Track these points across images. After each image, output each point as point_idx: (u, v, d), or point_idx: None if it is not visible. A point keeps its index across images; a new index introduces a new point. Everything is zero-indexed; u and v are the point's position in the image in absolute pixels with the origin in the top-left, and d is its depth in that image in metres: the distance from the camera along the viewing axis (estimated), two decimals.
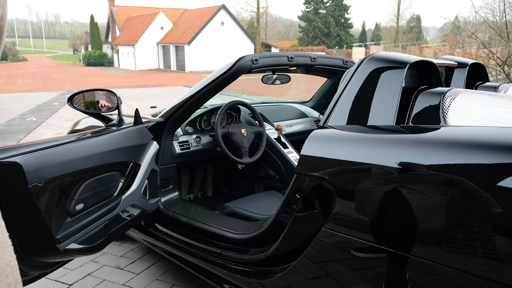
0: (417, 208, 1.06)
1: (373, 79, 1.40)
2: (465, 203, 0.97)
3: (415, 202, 1.06)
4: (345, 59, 2.56)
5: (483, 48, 9.39)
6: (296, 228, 1.43)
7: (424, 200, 1.04)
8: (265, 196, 2.44)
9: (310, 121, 3.11)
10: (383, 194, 1.12)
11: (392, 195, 1.10)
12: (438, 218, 1.01)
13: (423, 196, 1.05)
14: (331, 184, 1.25)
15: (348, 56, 29.03)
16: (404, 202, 1.08)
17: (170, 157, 2.28)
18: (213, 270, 1.80)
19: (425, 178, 1.05)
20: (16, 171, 1.38)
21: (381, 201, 1.13)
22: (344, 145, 1.26)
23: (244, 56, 2.00)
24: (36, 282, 2.13)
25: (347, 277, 1.25)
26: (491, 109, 1.25)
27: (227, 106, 2.43)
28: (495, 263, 0.93)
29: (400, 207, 1.09)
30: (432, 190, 1.03)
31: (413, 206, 1.07)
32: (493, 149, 0.96)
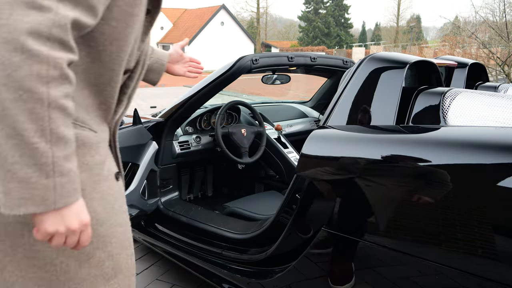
0: (417, 208, 1.06)
1: (373, 79, 1.41)
2: (465, 203, 0.97)
3: (415, 202, 1.06)
4: (345, 59, 2.56)
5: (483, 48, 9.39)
6: (296, 228, 1.43)
7: (424, 200, 1.04)
8: (265, 196, 2.44)
9: (310, 121, 3.11)
10: (383, 194, 1.12)
11: (392, 195, 1.10)
12: (438, 218, 1.01)
13: (423, 196, 1.05)
14: (331, 184, 1.25)
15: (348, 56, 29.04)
16: (404, 202, 1.08)
17: (170, 157, 2.29)
18: (213, 270, 1.80)
19: (425, 178, 1.05)
20: None
21: (381, 201, 1.13)
22: (344, 145, 1.26)
23: (244, 56, 2.00)
24: None
25: (347, 277, 1.25)
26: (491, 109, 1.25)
27: (227, 106, 2.43)
28: (495, 263, 0.93)
29: (400, 207, 1.09)
30: (432, 190, 1.03)
31: (413, 206, 1.07)
32: (493, 149, 0.96)
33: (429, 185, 1.04)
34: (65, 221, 0.72)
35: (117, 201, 0.92)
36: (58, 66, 0.67)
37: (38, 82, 0.65)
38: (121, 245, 0.92)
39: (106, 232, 0.89)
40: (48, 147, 0.67)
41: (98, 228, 0.86)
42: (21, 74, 0.64)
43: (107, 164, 0.91)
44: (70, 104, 0.71)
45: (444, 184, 1.01)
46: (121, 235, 0.92)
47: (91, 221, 0.82)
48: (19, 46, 0.63)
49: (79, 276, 0.85)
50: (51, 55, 0.66)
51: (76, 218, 0.73)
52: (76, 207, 0.74)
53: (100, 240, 0.87)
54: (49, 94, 0.66)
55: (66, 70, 0.69)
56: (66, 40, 0.68)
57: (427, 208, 1.04)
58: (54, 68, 0.66)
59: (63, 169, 0.70)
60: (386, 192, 1.12)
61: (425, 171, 1.05)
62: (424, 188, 1.05)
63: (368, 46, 35.89)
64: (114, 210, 0.90)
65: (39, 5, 0.65)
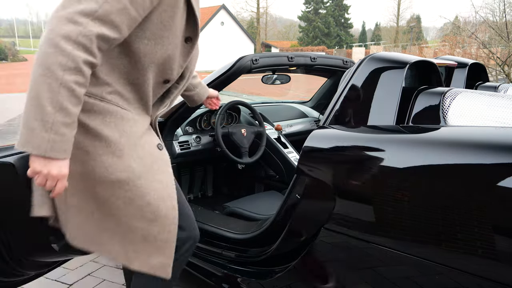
0: (417, 208, 1.06)
1: (373, 79, 1.41)
2: (465, 203, 0.97)
3: (415, 202, 1.06)
4: (345, 59, 2.56)
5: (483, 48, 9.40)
6: (296, 228, 1.43)
7: (424, 200, 1.04)
8: (265, 196, 2.44)
9: (310, 121, 3.11)
10: (383, 194, 1.12)
11: (392, 195, 1.10)
12: (438, 218, 1.01)
13: (423, 196, 1.05)
14: (331, 184, 1.25)
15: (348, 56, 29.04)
16: (404, 202, 1.08)
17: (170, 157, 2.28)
18: (213, 270, 1.80)
19: (425, 178, 1.05)
20: (10, 171, 1.38)
21: (381, 201, 1.13)
22: (344, 145, 1.26)
23: (244, 56, 2.00)
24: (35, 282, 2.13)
25: (347, 277, 1.25)
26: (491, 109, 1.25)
27: (227, 106, 2.43)
28: (495, 263, 0.93)
29: (400, 207, 1.09)
30: (432, 190, 1.03)
31: (413, 206, 1.07)
32: (493, 149, 0.96)
33: (429, 185, 1.04)
34: (48, 167, 1.00)
35: (156, 163, 1.22)
36: (75, 61, 0.96)
37: (59, 68, 0.95)
38: (160, 198, 1.20)
39: (144, 185, 1.18)
40: (52, 111, 0.95)
41: (136, 181, 1.16)
42: (50, 60, 0.95)
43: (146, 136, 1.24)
44: (78, 89, 0.99)
45: (444, 184, 1.01)
46: (160, 190, 1.21)
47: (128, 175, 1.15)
48: (54, 43, 0.95)
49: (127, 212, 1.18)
50: (72, 53, 0.96)
51: (57, 169, 1.01)
52: (61, 162, 1.01)
53: (139, 190, 1.17)
54: (63, 77, 0.96)
55: (82, 65, 0.98)
56: (89, 46, 0.98)
57: (427, 208, 1.04)
58: (72, 62, 0.96)
59: (58, 130, 0.97)
60: (386, 192, 1.12)
61: (425, 171, 1.05)
62: (424, 188, 1.05)
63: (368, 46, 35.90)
64: (152, 169, 1.20)
65: (75, 21, 0.96)
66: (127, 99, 1.19)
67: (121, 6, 1.01)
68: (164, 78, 1.24)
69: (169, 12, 1.12)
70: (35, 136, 0.95)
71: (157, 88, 1.27)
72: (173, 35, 1.16)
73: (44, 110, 0.95)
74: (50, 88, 0.94)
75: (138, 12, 1.06)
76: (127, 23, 1.04)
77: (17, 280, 1.68)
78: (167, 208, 1.22)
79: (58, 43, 0.94)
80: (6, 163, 1.38)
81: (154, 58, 1.16)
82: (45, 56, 0.95)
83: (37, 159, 0.99)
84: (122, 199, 1.16)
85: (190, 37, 1.23)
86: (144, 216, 1.19)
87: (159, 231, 1.21)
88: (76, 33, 0.96)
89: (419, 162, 1.07)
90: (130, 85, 1.19)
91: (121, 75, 1.16)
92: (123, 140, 1.15)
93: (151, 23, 1.11)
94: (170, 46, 1.17)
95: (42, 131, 0.95)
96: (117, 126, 1.16)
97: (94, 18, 0.98)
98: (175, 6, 1.13)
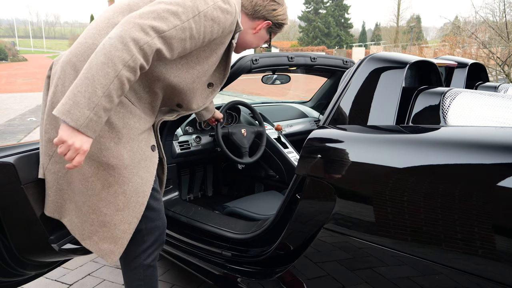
0: (417, 208, 1.06)
1: (373, 79, 1.41)
2: (465, 203, 0.97)
3: (415, 202, 1.06)
4: (345, 59, 2.56)
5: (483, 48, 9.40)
6: (296, 228, 1.43)
7: (424, 200, 1.04)
8: (265, 196, 2.43)
9: (310, 121, 3.11)
10: (383, 194, 1.12)
11: (392, 195, 1.10)
12: (438, 218, 1.01)
13: (423, 196, 1.05)
14: (331, 184, 1.25)
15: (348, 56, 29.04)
16: (404, 202, 1.08)
17: (170, 157, 2.29)
18: (213, 270, 1.80)
19: (425, 178, 1.05)
20: (9, 171, 1.38)
21: (381, 201, 1.13)
22: (344, 145, 1.26)
23: (244, 56, 2.00)
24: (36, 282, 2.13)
25: (347, 277, 1.25)
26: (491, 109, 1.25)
27: (227, 106, 2.43)
28: (495, 263, 0.93)
29: (400, 207, 1.09)
30: (432, 190, 1.03)
31: (413, 206, 1.07)
32: (493, 149, 0.96)
33: (429, 185, 1.04)
34: (74, 139, 1.10)
35: (144, 161, 1.34)
36: (135, 61, 1.13)
37: (120, 62, 1.10)
38: (135, 191, 1.31)
39: (127, 175, 1.29)
40: (101, 95, 1.09)
41: (122, 170, 1.28)
42: (116, 54, 1.10)
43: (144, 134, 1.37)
44: (127, 84, 1.14)
45: (444, 184, 1.01)
46: (138, 185, 1.32)
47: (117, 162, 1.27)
48: (125, 42, 1.11)
49: (101, 195, 1.30)
50: (136, 55, 1.12)
51: (81, 142, 1.11)
52: (86, 138, 1.12)
53: (121, 178, 1.28)
54: (121, 71, 1.10)
55: (138, 67, 1.14)
56: (148, 55, 1.16)
57: (427, 208, 1.04)
58: (133, 61, 1.12)
59: (98, 112, 1.10)
60: (386, 192, 1.12)
61: (425, 171, 1.05)
62: (424, 188, 1.05)
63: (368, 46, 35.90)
64: (139, 165, 1.32)
65: (147, 32, 1.14)
66: (140, 98, 1.35)
67: (183, 36, 1.21)
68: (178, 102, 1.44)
69: (208, 52, 1.35)
70: (78, 110, 1.08)
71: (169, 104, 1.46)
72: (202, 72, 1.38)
73: (94, 92, 1.08)
74: (107, 76, 1.09)
75: (191, 46, 1.26)
76: (180, 50, 1.25)
77: (17, 280, 1.68)
78: (137, 202, 1.33)
79: (128, 42, 1.10)
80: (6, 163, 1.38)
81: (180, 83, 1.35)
82: (112, 49, 1.09)
83: (68, 130, 1.10)
84: (102, 182, 1.28)
85: (212, 83, 1.46)
86: (114, 202, 1.30)
87: (122, 221, 1.32)
88: (144, 41, 1.13)
89: (419, 162, 1.07)
90: (148, 88, 1.35)
91: (145, 79, 1.32)
92: (124, 131, 1.28)
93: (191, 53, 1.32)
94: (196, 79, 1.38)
95: (85, 108, 1.08)
96: (124, 117, 1.29)
97: (160, 36, 1.16)
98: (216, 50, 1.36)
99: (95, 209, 1.32)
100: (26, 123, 7.66)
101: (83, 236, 1.37)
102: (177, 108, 1.50)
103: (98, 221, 1.33)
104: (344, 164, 1.24)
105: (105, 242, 1.35)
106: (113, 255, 1.35)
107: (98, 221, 1.33)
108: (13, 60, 34.35)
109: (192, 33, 1.23)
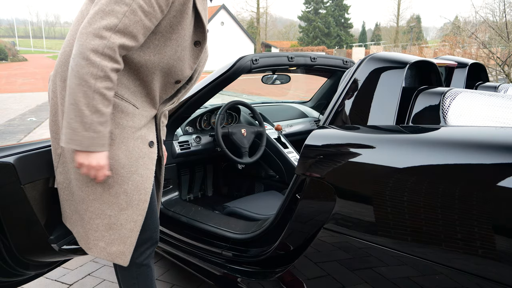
0: (417, 208, 1.06)
1: (373, 79, 1.41)
2: (465, 203, 0.97)
3: (415, 202, 1.06)
4: (345, 59, 2.56)
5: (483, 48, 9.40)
6: (296, 228, 1.43)
7: (424, 200, 1.04)
8: (265, 196, 2.43)
9: (310, 121, 3.11)
10: (383, 194, 1.12)
11: (392, 195, 1.10)
12: (438, 218, 1.01)
13: (422, 196, 1.05)
14: (331, 184, 1.25)
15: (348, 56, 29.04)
16: (404, 202, 1.08)
17: (170, 157, 2.29)
18: (213, 270, 1.80)
19: (425, 178, 1.05)
20: (9, 171, 1.38)
21: (381, 201, 1.13)
22: (344, 145, 1.26)
23: (244, 56, 2.00)
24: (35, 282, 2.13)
25: (347, 277, 1.25)
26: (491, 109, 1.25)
27: (227, 106, 2.43)
28: (495, 263, 0.93)
29: (400, 207, 1.09)
30: (432, 190, 1.03)
31: (413, 206, 1.06)
32: (493, 149, 0.96)
33: (429, 185, 1.04)
34: (89, 160, 1.19)
35: (142, 159, 1.33)
36: (104, 70, 1.14)
37: (91, 77, 1.13)
38: (136, 189, 1.32)
39: (125, 175, 1.30)
40: (89, 114, 1.14)
41: (119, 169, 1.29)
42: (83, 71, 1.13)
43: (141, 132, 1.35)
44: (109, 93, 1.17)
45: (444, 184, 1.01)
46: (138, 183, 1.32)
47: (113, 163, 1.27)
48: (85, 56, 1.12)
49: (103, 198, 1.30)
50: (101, 64, 1.13)
51: (96, 160, 1.19)
52: (100, 155, 1.20)
53: (120, 178, 1.29)
54: (95, 85, 1.13)
55: (109, 73, 1.15)
56: (113, 56, 1.15)
57: (427, 208, 1.04)
58: (101, 71, 1.14)
59: (96, 128, 1.16)
60: (386, 192, 1.12)
61: (425, 171, 1.05)
62: (424, 188, 1.05)
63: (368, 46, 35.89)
64: (137, 163, 1.32)
65: (100, 35, 1.13)
66: (134, 92, 1.33)
67: (137, 18, 1.17)
68: (175, 79, 1.40)
69: (178, 17, 1.28)
70: (77, 135, 1.15)
71: (168, 87, 1.42)
72: (181, 38, 1.31)
73: (83, 113, 1.14)
74: (85, 95, 1.13)
75: (151, 22, 1.22)
76: (143, 32, 1.21)
77: (17, 280, 1.68)
78: (140, 200, 1.34)
79: (88, 56, 1.12)
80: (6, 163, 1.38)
81: (163, 58, 1.31)
82: (79, 68, 1.13)
83: (80, 154, 1.19)
84: (102, 184, 1.29)
85: (199, 41, 1.39)
86: (117, 203, 1.31)
87: (127, 220, 1.33)
88: (102, 47, 1.13)
89: (419, 162, 1.07)
90: (138, 80, 1.32)
91: (130, 71, 1.30)
92: (116, 131, 1.29)
93: (161, 26, 1.27)
94: (178, 48, 1.32)
95: (82, 131, 1.15)
96: (114, 118, 1.28)
97: (116, 31, 1.15)
98: (184, 12, 1.28)
99: (99, 213, 1.32)
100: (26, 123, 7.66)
101: (88, 245, 1.37)
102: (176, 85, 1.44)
103: (103, 225, 1.33)
104: (344, 164, 1.24)
105: (114, 245, 1.34)
106: (123, 256, 1.35)
107: (103, 225, 1.33)
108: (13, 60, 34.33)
109: (144, 9, 1.18)
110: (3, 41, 39.96)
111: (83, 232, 1.37)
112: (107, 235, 1.33)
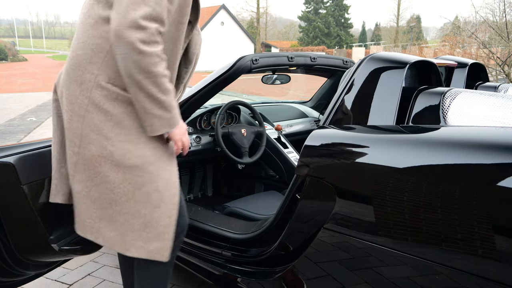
0: (417, 208, 1.06)
1: (373, 79, 1.41)
2: (465, 203, 0.97)
3: (415, 202, 1.06)
4: (345, 59, 2.56)
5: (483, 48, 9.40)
6: (296, 228, 1.43)
7: (424, 200, 1.04)
8: (265, 196, 2.43)
9: (310, 121, 3.11)
10: (383, 194, 1.12)
11: (392, 195, 1.10)
12: (438, 218, 1.01)
13: (423, 196, 1.05)
14: (331, 184, 1.25)
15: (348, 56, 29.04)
16: (404, 202, 1.08)
17: None
18: (213, 270, 1.80)
19: (425, 178, 1.05)
20: (9, 171, 1.38)
21: (381, 201, 1.13)
22: (344, 145, 1.26)
23: (244, 56, 2.00)
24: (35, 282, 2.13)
25: (347, 277, 1.25)
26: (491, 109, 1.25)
27: (227, 106, 2.43)
28: (495, 263, 0.93)
29: (400, 207, 1.09)
30: (432, 190, 1.03)
31: (413, 206, 1.07)
32: (493, 149, 0.96)
33: (429, 185, 1.04)
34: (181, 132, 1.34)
35: (166, 153, 1.36)
36: (158, 55, 1.20)
37: (152, 67, 1.19)
38: (166, 185, 1.33)
39: (154, 172, 1.31)
40: (165, 97, 1.24)
41: (148, 167, 1.30)
42: (143, 65, 1.18)
43: None
44: (167, 72, 1.25)
45: (444, 184, 1.01)
46: (167, 178, 1.34)
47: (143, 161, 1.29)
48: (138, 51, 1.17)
49: (136, 198, 1.30)
50: (153, 51, 1.19)
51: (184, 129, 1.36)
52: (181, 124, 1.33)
53: (149, 176, 1.30)
54: (158, 71, 1.21)
55: (162, 55, 1.22)
56: (156, 40, 1.20)
57: (427, 208, 1.04)
58: (157, 57, 1.20)
59: (172, 105, 1.27)
60: (386, 192, 1.12)
61: (425, 171, 1.05)
62: (424, 188, 1.05)
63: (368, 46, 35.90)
64: (162, 158, 1.34)
65: (141, 26, 1.17)
66: None
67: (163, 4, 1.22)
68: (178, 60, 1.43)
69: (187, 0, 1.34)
70: (165, 119, 1.25)
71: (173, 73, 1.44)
72: (186, 20, 1.37)
73: (160, 100, 1.22)
74: (155, 84, 1.21)
75: (173, 6, 1.28)
76: (167, 17, 1.26)
77: (17, 280, 1.68)
78: (171, 195, 1.34)
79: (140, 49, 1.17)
80: (6, 163, 1.38)
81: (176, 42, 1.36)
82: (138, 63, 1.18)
83: (174, 132, 1.31)
84: (133, 184, 1.29)
85: (191, 21, 1.42)
86: (150, 201, 1.31)
87: (161, 216, 1.32)
88: (147, 36, 1.18)
89: (419, 162, 1.07)
90: None
91: None
92: (141, 129, 1.31)
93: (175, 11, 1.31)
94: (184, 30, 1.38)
95: (167, 113, 1.25)
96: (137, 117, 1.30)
97: (151, 19, 1.19)
98: None
99: (134, 213, 1.30)
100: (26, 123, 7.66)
101: (125, 246, 1.33)
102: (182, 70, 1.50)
103: (139, 224, 1.31)
104: (344, 164, 1.24)
105: (152, 242, 1.32)
106: (163, 251, 1.33)
107: (139, 224, 1.31)
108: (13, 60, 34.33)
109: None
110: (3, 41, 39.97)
111: (118, 235, 1.33)
112: (144, 234, 1.32)
